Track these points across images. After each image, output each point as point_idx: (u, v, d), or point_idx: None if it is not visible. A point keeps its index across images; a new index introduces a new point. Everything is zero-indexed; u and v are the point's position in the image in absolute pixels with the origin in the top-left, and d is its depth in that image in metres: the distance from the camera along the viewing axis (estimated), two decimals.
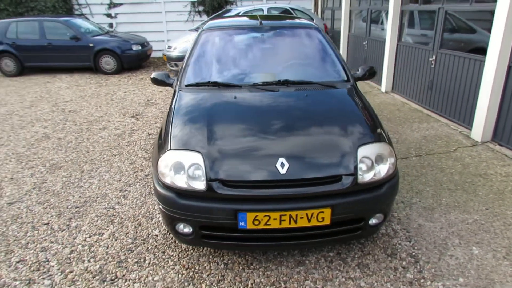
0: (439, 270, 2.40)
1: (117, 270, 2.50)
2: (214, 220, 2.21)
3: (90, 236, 2.87)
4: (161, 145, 2.45)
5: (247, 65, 3.15)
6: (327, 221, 2.19)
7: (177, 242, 2.75)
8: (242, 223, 2.18)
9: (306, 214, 2.15)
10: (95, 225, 3.01)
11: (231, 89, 2.87)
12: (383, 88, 6.76)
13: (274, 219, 2.16)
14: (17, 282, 2.42)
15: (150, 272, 2.47)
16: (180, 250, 2.67)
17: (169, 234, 2.85)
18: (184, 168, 2.24)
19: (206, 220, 2.22)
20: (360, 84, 7.49)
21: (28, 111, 6.34)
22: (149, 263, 2.55)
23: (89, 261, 2.59)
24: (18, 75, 9.39)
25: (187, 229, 2.32)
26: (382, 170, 2.29)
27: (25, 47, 9.16)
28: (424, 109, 5.62)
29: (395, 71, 6.46)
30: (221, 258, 2.57)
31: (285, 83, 2.90)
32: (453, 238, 2.70)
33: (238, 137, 2.39)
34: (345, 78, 3.08)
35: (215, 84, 2.93)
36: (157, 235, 2.84)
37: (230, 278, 2.39)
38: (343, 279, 2.35)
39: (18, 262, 2.61)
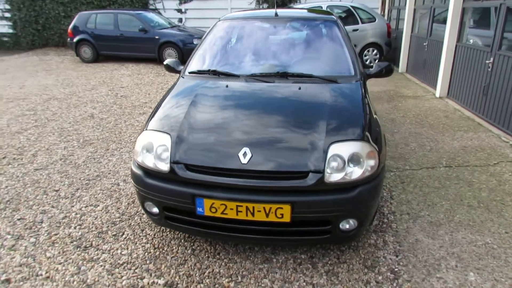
0: None
1: (94, 239, 2.60)
2: (174, 202, 2.19)
3: (86, 206, 3.03)
4: (144, 126, 2.50)
5: (251, 56, 3.08)
6: (286, 219, 2.04)
7: None
8: (199, 209, 2.12)
9: (264, 208, 2.03)
10: (95, 197, 3.17)
11: (228, 78, 2.82)
12: (437, 93, 6.14)
13: (231, 209, 2.07)
14: (9, 236, 2.65)
15: (122, 246, 2.53)
16: (157, 230, 2.69)
17: None
18: (153, 148, 2.25)
19: (167, 201, 2.22)
20: (414, 88, 6.92)
21: (87, 93, 6.92)
22: (125, 238, 2.61)
23: (74, 228, 2.74)
24: (93, 61, 10.31)
25: (155, 209, 2.33)
26: (356, 171, 2.06)
27: (100, 37, 10.02)
28: (476, 117, 4.99)
29: (452, 75, 5.82)
30: (191, 244, 2.54)
31: (284, 75, 2.77)
32: (450, 259, 2.35)
33: (210, 124, 2.35)
34: (352, 74, 2.85)
35: (215, 73, 2.90)
36: (143, 214, 2.90)
37: (191, 263, 2.35)
38: (304, 284, 2.17)
39: (18, 219, 2.85)
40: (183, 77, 2.99)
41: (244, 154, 2.09)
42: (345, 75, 2.84)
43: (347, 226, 2.17)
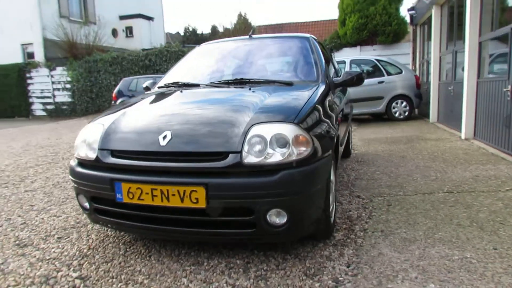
0: None
1: (37, 240, 2.58)
2: (97, 190, 2.15)
3: (49, 217, 3.04)
4: None
5: (217, 69, 3.14)
6: (202, 204, 1.87)
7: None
8: (118, 195, 2.04)
9: (178, 191, 1.90)
10: (63, 211, 3.18)
11: (189, 88, 2.86)
12: (462, 135, 5.67)
13: (146, 193, 1.96)
14: None
15: (59, 246, 2.48)
16: (103, 236, 2.60)
17: None
18: (87, 138, 2.28)
19: (92, 190, 2.18)
20: (439, 133, 6.47)
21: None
22: (67, 240, 2.56)
23: (26, 231, 2.74)
24: None
25: (86, 203, 2.28)
26: (278, 154, 1.88)
27: None
28: (501, 152, 4.46)
29: (476, 114, 5.40)
30: (127, 246, 2.40)
31: (242, 81, 2.75)
32: (411, 271, 1.95)
33: (143, 116, 2.37)
34: (314, 79, 2.76)
35: (178, 85, 2.96)
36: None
37: (116, 262, 2.20)
38: (224, 284, 1.90)
39: None
40: (148, 91, 3.11)
41: (164, 137, 2.02)
42: (304, 80, 2.77)
43: (276, 220, 1.93)
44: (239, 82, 2.72)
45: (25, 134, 9.36)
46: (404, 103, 8.52)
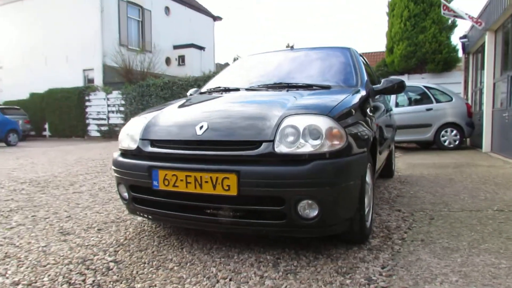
0: None
1: (78, 230, 2.71)
2: (135, 178, 2.25)
3: (92, 213, 3.19)
4: None
5: (257, 76, 3.23)
6: (233, 191, 1.91)
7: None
8: (155, 182, 2.13)
9: (211, 177, 1.95)
10: (105, 209, 3.33)
11: (229, 92, 2.97)
12: None
13: (181, 180, 2.03)
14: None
15: (98, 236, 2.58)
16: (140, 230, 2.68)
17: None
18: (130, 131, 2.42)
19: (131, 178, 2.28)
20: (492, 161, 6.08)
21: None
22: (106, 232, 2.66)
23: (69, 223, 2.88)
24: None
25: (125, 193, 2.39)
26: (311, 144, 1.89)
27: None
28: None
29: None
30: (161, 239, 2.47)
31: (280, 85, 2.81)
32: (452, 276, 1.83)
33: (183, 112, 2.51)
34: (353, 85, 2.77)
35: (219, 89, 3.09)
36: (135, 218, 2.94)
37: (149, 251, 2.27)
38: (252, 275, 1.89)
39: (32, 216, 3.12)
40: (192, 94, 3.28)
41: (201, 127, 2.11)
42: (343, 85, 2.78)
43: (307, 212, 1.91)
44: (278, 87, 2.78)
45: (80, 150, 10.00)
46: (455, 132, 8.16)
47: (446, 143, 8.20)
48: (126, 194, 2.39)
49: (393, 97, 8.41)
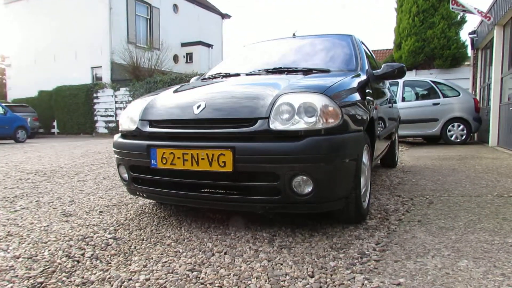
0: (383, 269, 1.67)
1: (80, 212, 2.77)
2: (135, 158, 2.30)
3: (96, 198, 3.26)
4: None
5: (258, 62, 3.27)
6: (229, 167, 1.95)
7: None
8: (153, 161, 2.18)
9: (207, 154, 1.99)
10: (108, 194, 3.39)
11: (231, 77, 3.01)
12: None
13: (178, 157, 2.08)
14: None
15: (99, 217, 2.64)
16: (140, 212, 2.74)
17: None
18: (130, 112, 2.48)
19: (131, 158, 2.34)
20: (498, 154, 6.04)
21: None
22: (107, 214, 2.72)
23: (71, 206, 2.95)
24: None
25: (125, 174, 2.44)
26: (306, 121, 1.92)
27: None
28: None
29: None
30: (160, 220, 2.53)
31: (280, 70, 2.85)
32: (445, 251, 1.84)
33: (182, 95, 2.56)
34: (353, 69, 2.79)
35: (220, 75, 3.13)
36: (136, 201, 3.00)
37: (148, 230, 2.32)
38: (247, 249, 1.93)
39: (37, 201, 3.20)
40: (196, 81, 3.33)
41: (198, 106, 2.15)
42: (342, 69, 2.80)
43: (302, 188, 1.94)
44: (277, 71, 2.82)
45: (87, 145, 10.12)
46: (461, 127, 8.09)
47: (452, 138, 8.14)
48: (126, 175, 2.44)
49: (399, 91, 8.39)
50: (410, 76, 11.10)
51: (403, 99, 8.42)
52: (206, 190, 2.15)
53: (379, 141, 2.98)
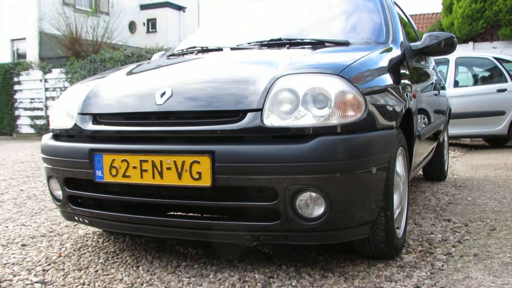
0: None
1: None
2: (72, 168, 2.33)
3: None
4: None
5: (250, 31, 3.32)
6: (206, 180, 1.95)
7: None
8: (98, 172, 2.19)
9: (175, 162, 2.00)
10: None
11: (210, 53, 3.04)
12: None
13: (134, 167, 2.09)
14: None
15: (22, 252, 2.64)
16: (81, 245, 2.75)
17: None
18: (65, 104, 2.50)
19: (66, 168, 2.36)
20: None
21: None
22: (34, 248, 2.72)
23: None
24: None
25: (58, 191, 2.46)
26: (315, 114, 1.94)
27: None
28: None
29: None
30: (108, 256, 2.55)
31: (279, 43, 2.87)
32: None
33: (138, 77, 2.65)
34: (382, 41, 2.84)
35: (194, 50, 3.15)
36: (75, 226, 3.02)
37: (92, 270, 2.35)
38: None
39: None
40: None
41: (163, 94, 2.15)
42: (368, 41, 2.84)
43: (310, 209, 1.95)
44: (276, 44, 2.84)
45: (4, 151, 10.09)
46: None
47: None
48: (59, 192, 2.45)
49: (450, 73, 8.47)
50: (466, 51, 11.22)
51: (456, 84, 8.51)
52: (173, 213, 2.17)
53: (419, 143, 3.02)
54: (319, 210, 1.95)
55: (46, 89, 15.96)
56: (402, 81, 2.59)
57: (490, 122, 8.28)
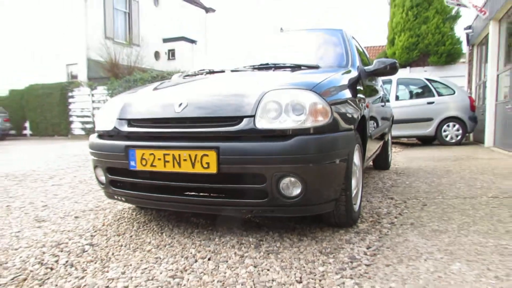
0: (374, 273, 1.70)
1: (54, 218, 2.75)
2: (112, 159, 2.29)
3: (71, 203, 3.23)
4: None
5: (245, 58, 3.29)
6: (213, 168, 1.95)
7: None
8: (132, 162, 2.17)
9: (189, 155, 2.00)
10: (84, 199, 3.36)
11: (215, 74, 3.02)
12: None
13: (159, 159, 2.08)
14: None
15: (74, 222, 2.63)
16: (119, 217, 2.72)
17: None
18: (107, 112, 2.47)
19: (108, 159, 2.32)
20: (494, 154, 6.19)
21: None
22: (83, 219, 2.70)
23: (45, 212, 2.92)
24: None
25: (102, 176, 2.43)
26: (294, 119, 1.94)
27: None
28: None
29: None
30: (140, 225, 2.52)
31: (267, 67, 2.86)
32: (438, 254, 1.89)
33: (162, 92, 2.58)
34: (343, 65, 2.83)
35: (203, 72, 3.14)
36: (114, 205, 2.99)
37: (127, 235, 2.32)
38: (232, 255, 1.94)
39: (7, 206, 3.15)
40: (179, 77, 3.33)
41: (180, 104, 2.16)
42: (332, 65, 2.84)
43: (290, 190, 1.95)
44: (264, 67, 2.83)
45: (62, 147, 10.00)
46: (457, 126, 8.23)
47: (447, 138, 8.28)
48: (103, 178, 2.42)
49: (393, 90, 8.50)
50: (404, 73, 11.25)
51: (397, 98, 8.54)
52: (189, 193, 2.16)
53: (371, 141, 3.02)
54: (297, 191, 1.95)
55: (93, 101, 15.86)
56: (358, 95, 2.59)
57: (422, 126, 8.33)
